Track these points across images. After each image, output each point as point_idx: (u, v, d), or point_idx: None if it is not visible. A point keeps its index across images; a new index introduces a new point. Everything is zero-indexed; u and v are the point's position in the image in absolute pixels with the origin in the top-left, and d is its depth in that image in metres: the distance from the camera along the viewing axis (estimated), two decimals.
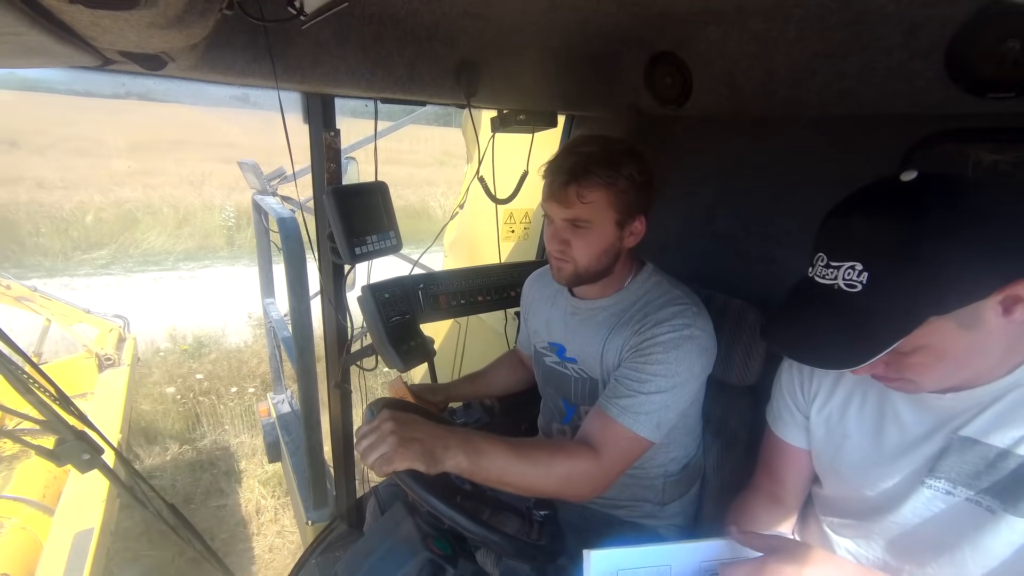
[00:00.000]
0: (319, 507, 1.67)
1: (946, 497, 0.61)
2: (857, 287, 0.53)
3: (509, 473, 0.75)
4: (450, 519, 0.71)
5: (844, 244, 0.55)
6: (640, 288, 0.95)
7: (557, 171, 0.87)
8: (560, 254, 0.91)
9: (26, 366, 0.76)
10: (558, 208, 0.88)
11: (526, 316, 1.18)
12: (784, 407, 0.80)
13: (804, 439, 0.79)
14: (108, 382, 2.79)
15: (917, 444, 0.64)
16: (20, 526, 1.96)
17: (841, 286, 0.54)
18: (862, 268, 0.53)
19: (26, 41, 0.45)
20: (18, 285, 2.93)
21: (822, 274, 0.57)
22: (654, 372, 0.84)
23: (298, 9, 0.58)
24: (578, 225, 0.88)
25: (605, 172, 0.85)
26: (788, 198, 1.11)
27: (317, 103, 1.03)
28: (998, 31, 0.68)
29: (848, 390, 0.73)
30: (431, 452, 0.70)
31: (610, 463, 0.82)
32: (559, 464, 0.80)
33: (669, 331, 0.85)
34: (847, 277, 0.54)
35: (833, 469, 0.74)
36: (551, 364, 1.06)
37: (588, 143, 0.88)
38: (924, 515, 0.63)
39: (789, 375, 0.80)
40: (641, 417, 0.82)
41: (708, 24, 0.98)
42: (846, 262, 0.54)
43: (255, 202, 2.33)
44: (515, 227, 2.01)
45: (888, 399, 0.68)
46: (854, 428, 0.71)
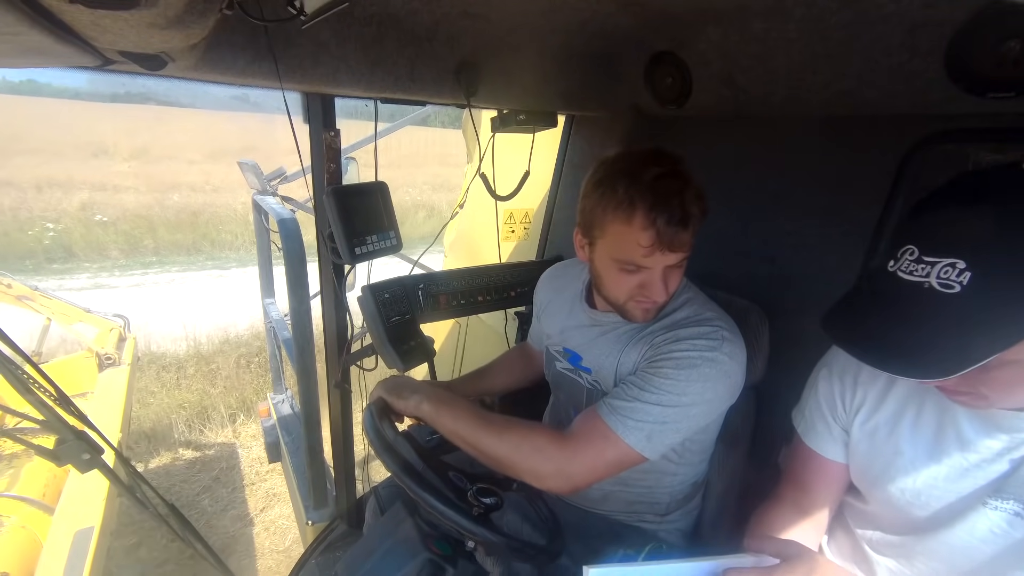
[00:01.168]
0: (319, 507, 1.67)
1: (1013, 519, 0.57)
2: (955, 288, 0.46)
3: (462, 429, 0.79)
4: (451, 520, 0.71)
5: (946, 238, 0.48)
6: (670, 305, 0.89)
7: (668, 220, 0.73)
8: (660, 299, 0.82)
9: (26, 366, 0.75)
10: (672, 256, 0.77)
11: (539, 315, 1.15)
12: (819, 418, 0.74)
13: (841, 453, 0.73)
14: (108, 382, 2.78)
15: (981, 464, 0.59)
16: (20, 525, 1.96)
17: (934, 285, 0.47)
18: (965, 267, 0.46)
19: (26, 41, 0.45)
20: (19, 284, 2.93)
21: (910, 269, 0.49)
22: (659, 385, 0.77)
23: (298, 9, 0.58)
24: (678, 266, 0.81)
25: (700, 195, 0.76)
26: (788, 198, 1.11)
27: (317, 103, 1.03)
28: (998, 31, 0.68)
29: (899, 403, 0.67)
30: (399, 388, 0.87)
31: (574, 449, 0.76)
32: (513, 433, 0.77)
33: (688, 350, 0.79)
34: (943, 275, 0.47)
35: (880, 486, 0.68)
36: (563, 370, 1.03)
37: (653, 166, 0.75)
38: (983, 536, 0.59)
39: (828, 384, 0.73)
40: (629, 422, 0.75)
41: (708, 24, 0.98)
42: (945, 258, 0.47)
43: (255, 202, 2.33)
44: (515, 227, 2.01)
45: (948, 414, 0.62)
46: (907, 444, 0.65)
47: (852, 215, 0.99)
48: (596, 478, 0.77)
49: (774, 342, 1.05)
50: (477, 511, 0.73)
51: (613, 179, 0.77)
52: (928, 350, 0.47)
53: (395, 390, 0.86)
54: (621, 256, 0.79)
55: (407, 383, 0.88)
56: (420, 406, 0.82)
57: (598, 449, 0.76)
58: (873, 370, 0.68)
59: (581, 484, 0.77)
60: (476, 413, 0.81)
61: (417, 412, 0.83)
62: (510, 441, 0.77)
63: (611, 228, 0.78)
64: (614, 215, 0.76)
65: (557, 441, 0.77)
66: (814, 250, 1.06)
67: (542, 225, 1.73)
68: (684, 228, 0.74)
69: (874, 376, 0.69)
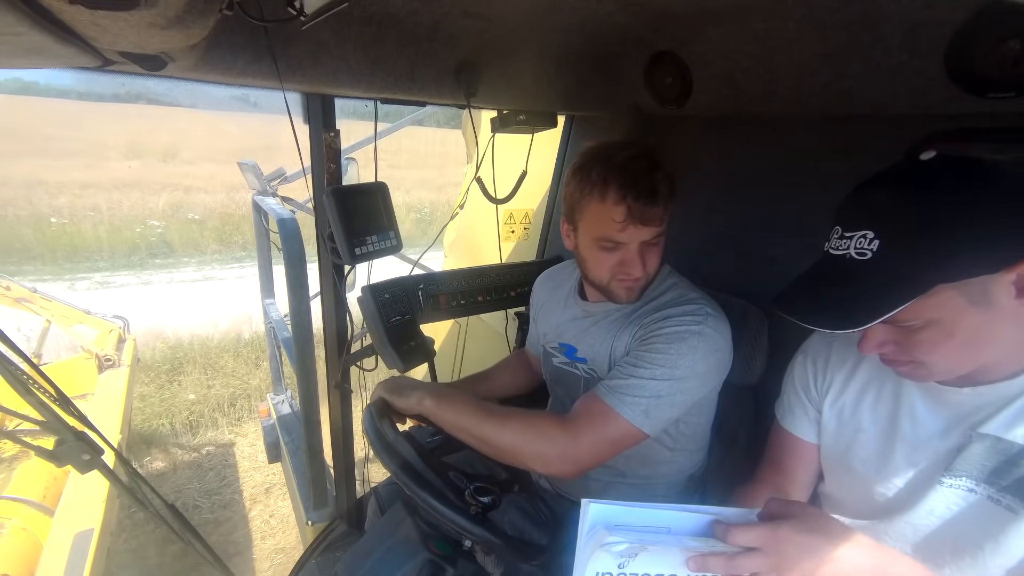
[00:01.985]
0: (319, 507, 1.67)
1: (967, 495, 0.60)
2: (867, 254, 0.54)
3: (464, 421, 0.80)
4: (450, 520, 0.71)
5: (859, 215, 0.56)
6: (655, 290, 0.94)
7: (637, 194, 0.80)
8: (637, 277, 0.87)
9: (26, 367, 0.75)
10: (642, 231, 0.83)
11: (535, 317, 1.17)
12: (796, 401, 0.80)
13: (814, 433, 0.79)
14: (108, 383, 2.78)
15: (932, 440, 0.63)
16: (20, 526, 1.96)
17: (852, 255, 0.55)
18: (873, 236, 0.53)
19: (26, 41, 0.45)
20: (18, 286, 2.93)
21: (835, 245, 0.58)
22: (651, 360, 0.81)
23: (298, 9, 0.58)
24: (653, 242, 0.86)
25: (669, 174, 0.83)
26: (788, 198, 1.11)
27: (317, 103, 1.03)
28: (998, 31, 0.68)
29: (863, 383, 0.72)
30: (399, 387, 0.87)
31: (575, 431, 0.79)
32: (516, 421, 0.79)
33: (676, 325, 0.84)
34: (859, 246, 0.55)
35: (845, 464, 0.74)
36: (559, 364, 1.05)
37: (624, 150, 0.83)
38: (942, 514, 0.62)
39: (803, 368, 0.79)
40: (627, 399, 0.79)
41: (708, 24, 0.98)
42: (859, 231, 0.55)
43: (255, 202, 2.33)
44: (515, 227, 2.01)
45: (904, 393, 0.67)
46: (868, 421, 0.71)
47: None
48: (600, 458, 0.80)
49: (774, 342, 1.05)
50: (475, 510, 0.73)
51: (589, 164, 0.85)
52: (848, 306, 0.55)
53: (396, 390, 0.87)
54: (599, 234, 0.85)
55: (407, 382, 0.89)
56: (422, 402, 0.83)
57: (599, 428, 0.79)
58: (842, 354, 0.76)
59: (586, 465, 0.79)
60: (478, 404, 0.82)
61: (419, 409, 0.83)
62: (514, 428, 0.79)
63: (588, 209, 0.85)
64: (590, 195, 0.84)
65: (560, 424, 0.80)
66: (814, 250, 1.05)
67: (542, 225, 1.73)
68: (653, 203, 0.81)
69: (842, 359, 0.76)
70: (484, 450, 0.80)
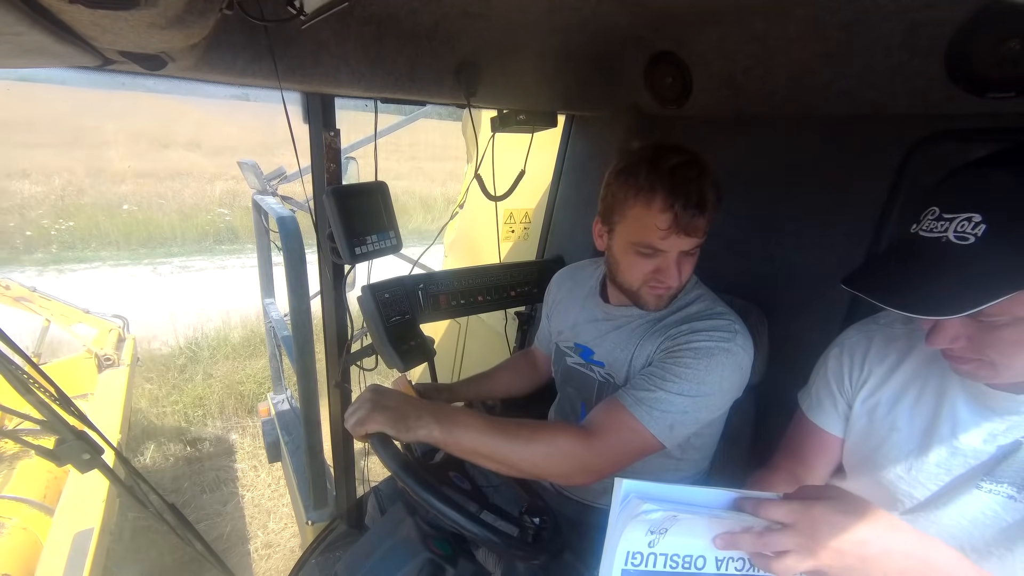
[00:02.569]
0: (319, 507, 1.67)
1: (1007, 502, 0.58)
2: (969, 239, 0.49)
3: (483, 445, 0.74)
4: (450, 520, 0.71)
5: (965, 195, 0.51)
6: (682, 300, 0.92)
7: (685, 204, 0.77)
8: (670, 285, 0.84)
9: (26, 366, 0.75)
10: (687, 241, 0.80)
11: (549, 314, 1.15)
12: (826, 393, 0.77)
13: (841, 427, 0.76)
14: (108, 382, 2.78)
15: (972, 444, 0.61)
16: (20, 526, 1.96)
17: (951, 238, 0.50)
18: (980, 220, 0.49)
19: (26, 41, 0.45)
20: (17, 285, 2.93)
21: (929, 227, 0.53)
22: (680, 375, 0.79)
23: (298, 9, 0.58)
24: (692, 252, 0.84)
25: (716, 183, 0.80)
26: (788, 197, 1.11)
27: (317, 103, 1.03)
28: (998, 31, 0.68)
29: (903, 382, 0.69)
30: (403, 419, 0.74)
31: (602, 446, 0.77)
32: (539, 440, 0.76)
33: (706, 340, 0.81)
34: (959, 229, 0.50)
35: (871, 462, 0.71)
36: (573, 365, 1.04)
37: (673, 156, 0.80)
38: (974, 518, 0.60)
39: (838, 360, 0.76)
40: (655, 412, 0.77)
41: (708, 24, 0.98)
42: (963, 213, 0.50)
43: (255, 202, 2.33)
44: (515, 227, 2.01)
45: (947, 395, 0.64)
46: (904, 421, 0.68)
47: (852, 215, 0.99)
48: (619, 468, 0.79)
49: (774, 342, 1.05)
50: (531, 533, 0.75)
51: (635, 167, 0.81)
52: (943, 292, 0.50)
53: (400, 422, 0.74)
54: (639, 239, 0.82)
55: (408, 412, 0.75)
56: (431, 434, 0.74)
57: (625, 441, 0.78)
58: (882, 350, 0.72)
59: (605, 475, 0.78)
60: (491, 425, 0.76)
61: (428, 440, 0.74)
62: (538, 450, 0.76)
63: (631, 212, 0.82)
64: (635, 199, 0.80)
65: (583, 439, 0.77)
66: (814, 250, 1.06)
67: (542, 225, 1.73)
68: (700, 213, 0.78)
69: (882, 356, 0.72)
70: (501, 470, 0.77)
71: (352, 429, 0.76)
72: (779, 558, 0.50)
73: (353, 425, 0.75)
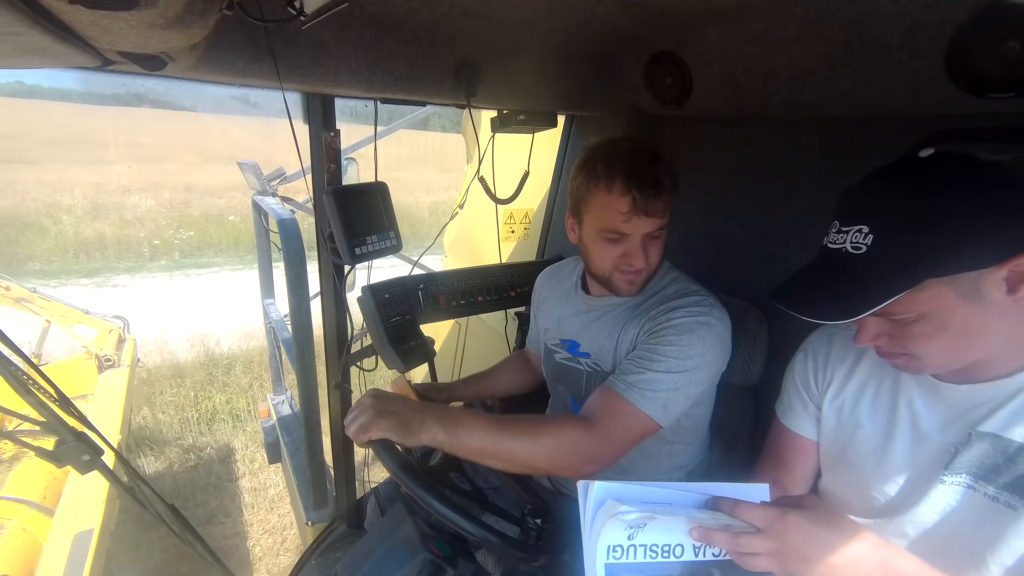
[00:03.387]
0: (319, 507, 1.67)
1: (967, 492, 0.60)
2: (862, 248, 0.55)
3: (490, 445, 0.74)
4: (450, 520, 0.71)
5: (855, 210, 0.57)
6: (657, 284, 0.96)
7: (641, 185, 0.82)
8: (639, 269, 0.89)
9: (26, 367, 0.75)
10: (645, 222, 0.85)
11: (536, 314, 1.17)
12: (796, 398, 0.80)
13: (814, 430, 0.79)
14: (108, 383, 2.79)
15: (931, 436, 0.64)
16: (20, 527, 1.96)
17: (848, 248, 0.56)
18: (868, 231, 0.54)
19: (26, 41, 0.45)
20: (17, 286, 2.93)
21: (832, 239, 0.59)
22: (666, 353, 0.83)
23: (298, 9, 0.58)
24: (655, 235, 0.87)
25: (671, 169, 0.85)
26: (788, 198, 1.11)
27: (317, 103, 1.03)
28: (998, 31, 0.68)
29: (862, 379, 0.73)
30: (407, 424, 0.73)
31: (604, 433, 0.79)
32: (545, 435, 0.77)
33: (684, 316, 0.85)
34: (854, 240, 0.56)
35: (844, 460, 0.74)
36: (561, 360, 1.06)
37: (626, 145, 0.86)
38: (942, 511, 0.62)
39: (803, 365, 0.80)
40: (648, 394, 0.80)
41: (708, 24, 0.98)
42: (855, 226, 0.56)
43: (255, 202, 2.33)
44: (515, 227, 2.01)
45: (902, 389, 0.68)
46: (866, 418, 0.71)
47: None
48: (622, 454, 0.82)
49: (773, 343, 1.05)
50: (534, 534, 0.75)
51: (594, 158, 0.87)
52: (845, 298, 0.56)
53: (403, 427, 0.73)
54: (604, 225, 0.87)
55: (411, 416, 0.74)
56: (434, 437, 0.73)
57: (625, 426, 0.81)
58: (842, 351, 0.77)
59: (610, 463, 0.80)
60: (494, 423, 0.76)
61: (432, 444, 0.74)
62: (545, 443, 0.76)
63: (594, 200, 0.87)
64: (596, 187, 0.86)
65: (586, 429, 0.79)
66: (814, 250, 1.06)
67: (542, 225, 1.73)
68: (658, 194, 0.83)
69: (842, 356, 0.76)
70: (508, 468, 0.77)
71: (355, 436, 0.74)
72: (751, 558, 0.52)
73: (355, 432, 0.74)
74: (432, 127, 3.58)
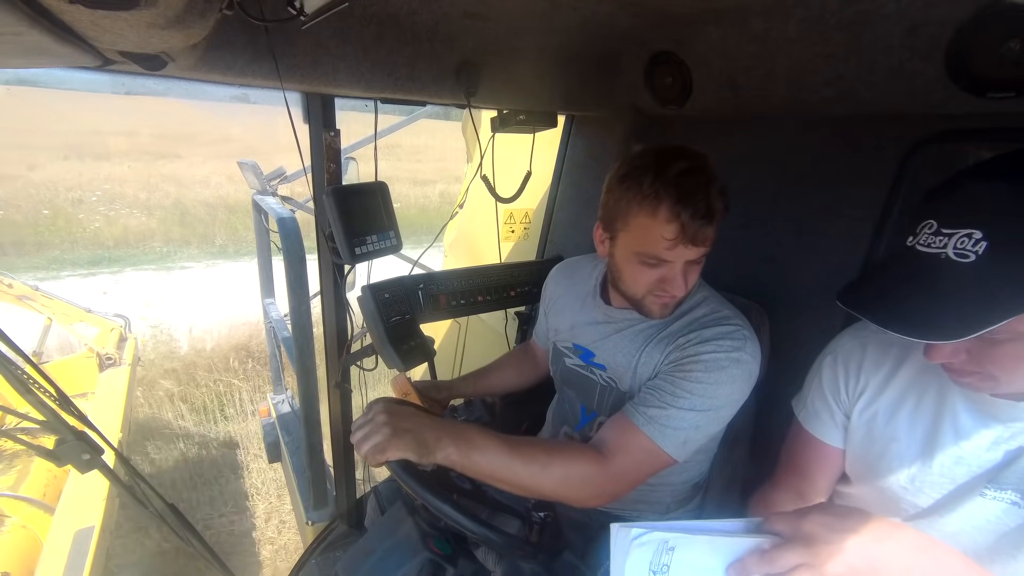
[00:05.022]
0: (319, 507, 1.67)
1: (1011, 508, 0.57)
2: (970, 257, 0.47)
3: (500, 469, 0.73)
4: (451, 519, 0.71)
5: (963, 210, 0.49)
6: (687, 303, 0.89)
7: (692, 214, 0.73)
8: (680, 295, 0.82)
9: (26, 366, 0.76)
10: (690, 251, 0.77)
11: (547, 311, 1.13)
12: (822, 404, 0.75)
13: (840, 438, 0.75)
14: (109, 382, 2.79)
15: (977, 452, 0.60)
16: (20, 524, 1.96)
17: (950, 255, 0.48)
18: (981, 236, 0.47)
19: (26, 41, 0.45)
20: (20, 284, 2.93)
21: (927, 242, 0.51)
22: (691, 390, 0.77)
23: (298, 9, 0.58)
24: (698, 261, 0.80)
25: (723, 190, 0.77)
26: (788, 197, 1.11)
27: (317, 103, 1.03)
28: (998, 31, 0.68)
29: (900, 390, 0.68)
30: (423, 443, 0.71)
31: (618, 470, 0.76)
32: (557, 465, 0.75)
33: (716, 351, 0.79)
34: (959, 245, 0.48)
35: (874, 472, 0.70)
36: (573, 366, 1.02)
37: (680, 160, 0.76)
38: (979, 525, 0.60)
39: (832, 370, 0.74)
40: (668, 431, 0.76)
41: (708, 24, 0.98)
42: (962, 229, 0.48)
43: (255, 202, 2.33)
44: (515, 227, 2.01)
45: (947, 403, 0.63)
46: (904, 431, 0.66)
47: (852, 215, 0.99)
48: (634, 487, 0.79)
49: (774, 342, 1.05)
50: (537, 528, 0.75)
51: (639, 173, 0.77)
52: (945, 314, 0.48)
53: (421, 447, 0.71)
54: (643, 249, 0.79)
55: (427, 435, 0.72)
56: (448, 457, 0.72)
57: (641, 463, 0.78)
58: (877, 358, 0.70)
59: (620, 496, 0.79)
60: (507, 447, 0.74)
61: (445, 463, 0.73)
62: (555, 474, 0.75)
63: (635, 222, 0.78)
64: (639, 208, 0.77)
65: (598, 463, 0.77)
66: (814, 250, 1.06)
67: (542, 225, 1.73)
68: (708, 223, 0.75)
69: (877, 364, 0.70)
70: (516, 492, 0.76)
71: (371, 457, 0.70)
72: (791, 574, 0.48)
73: (371, 452, 0.70)
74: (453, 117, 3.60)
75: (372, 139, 1.22)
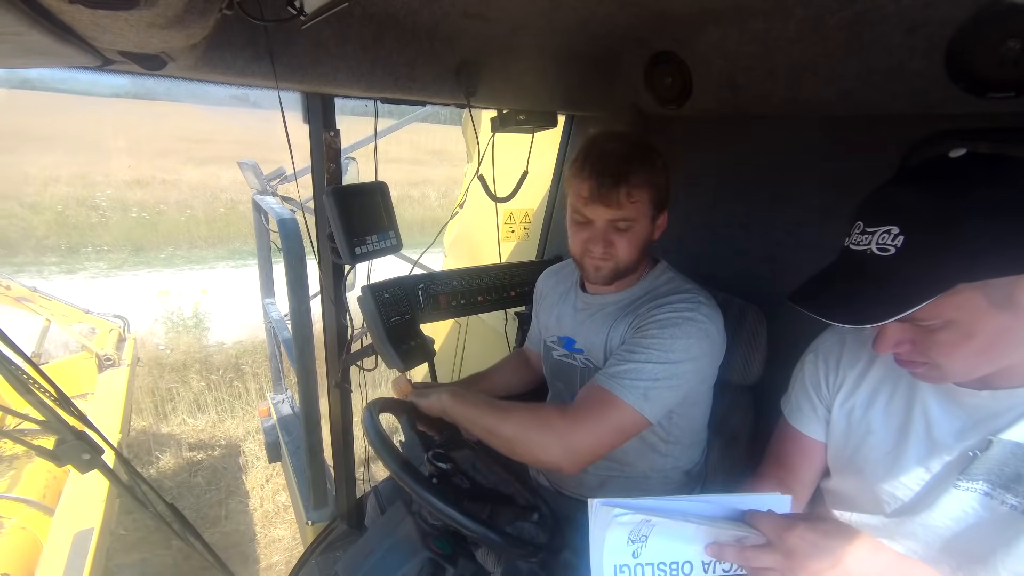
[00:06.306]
0: (319, 507, 1.67)
1: (983, 499, 0.59)
2: (890, 251, 0.52)
3: (476, 415, 0.86)
4: (451, 519, 0.71)
5: (883, 211, 0.55)
6: (651, 283, 0.97)
7: (602, 173, 0.85)
8: (603, 255, 0.91)
9: (26, 366, 0.75)
10: (604, 210, 0.88)
11: (537, 311, 1.19)
12: (804, 398, 0.79)
13: (822, 432, 0.78)
14: (108, 382, 2.79)
15: (947, 442, 0.62)
16: (20, 526, 1.96)
17: (874, 250, 0.54)
18: (898, 232, 0.52)
19: (26, 41, 0.45)
20: (18, 285, 2.93)
21: (856, 241, 0.56)
22: (647, 345, 0.84)
23: (298, 9, 0.58)
24: (620, 226, 0.89)
25: (647, 169, 0.87)
26: (788, 198, 1.11)
27: (317, 103, 1.03)
28: (998, 31, 0.68)
29: (875, 383, 0.71)
30: (425, 392, 0.93)
31: (577, 419, 0.81)
32: (520, 412, 0.84)
33: (669, 312, 0.87)
34: (881, 241, 0.53)
35: (853, 464, 0.73)
36: (559, 357, 1.07)
37: (614, 140, 0.89)
38: (956, 516, 0.61)
39: (814, 366, 0.78)
40: (625, 382, 0.81)
41: (708, 24, 0.98)
42: (882, 226, 0.53)
43: (255, 202, 2.33)
44: (515, 227, 2.01)
45: (918, 395, 0.66)
46: (879, 423, 0.70)
47: None
48: (601, 446, 0.81)
49: (773, 341, 1.05)
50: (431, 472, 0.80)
51: (582, 148, 0.92)
52: (865, 302, 0.54)
53: (422, 394, 0.94)
54: (573, 206, 0.92)
55: (432, 387, 1.00)
56: (441, 399, 0.90)
57: (600, 413, 0.81)
58: (854, 353, 0.75)
59: (588, 455, 0.81)
60: (487, 400, 0.88)
61: (439, 405, 0.90)
62: (518, 420, 0.83)
63: (570, 185, 0.92)
64: (572, 172, 0.91)
65: (561, 414, 0.82)
66: (814, 250, 1.06)
67: (542, 225, 1.73)
68: (616, 185, 0.85)
69: (855, 359, 0.74)
70: (492, 443, 0.84)
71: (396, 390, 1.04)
72: (762, 573, 0.52)
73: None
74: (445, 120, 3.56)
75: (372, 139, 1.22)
